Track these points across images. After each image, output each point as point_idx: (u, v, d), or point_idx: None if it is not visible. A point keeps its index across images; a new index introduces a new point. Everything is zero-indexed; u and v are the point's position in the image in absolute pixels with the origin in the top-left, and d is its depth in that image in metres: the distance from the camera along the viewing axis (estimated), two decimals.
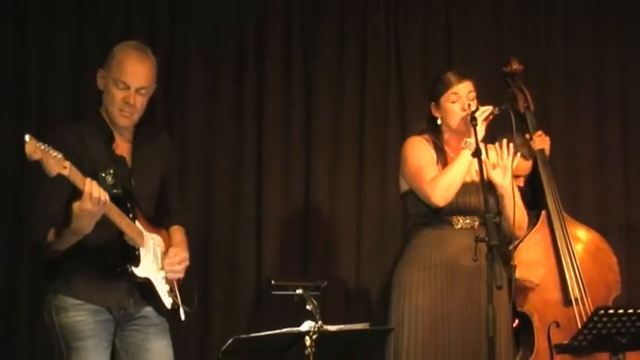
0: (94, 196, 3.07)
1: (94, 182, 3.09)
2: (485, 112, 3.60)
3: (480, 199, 3.56)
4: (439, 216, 3.72)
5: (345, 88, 4.86)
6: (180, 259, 3.43)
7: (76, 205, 3.09)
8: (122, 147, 3.40)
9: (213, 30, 4.79)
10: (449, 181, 3.64)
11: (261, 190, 4.75)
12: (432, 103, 3.79)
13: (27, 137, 2.94)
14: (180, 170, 4.46)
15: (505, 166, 3.66)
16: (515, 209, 3.60)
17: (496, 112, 3.61)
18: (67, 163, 3.02)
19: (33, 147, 2.94)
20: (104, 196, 3.09)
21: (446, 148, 3.80)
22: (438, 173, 3.69)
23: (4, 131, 4.55)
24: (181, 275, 3.45)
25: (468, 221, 3.72)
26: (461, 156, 3.64)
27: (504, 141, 3.67)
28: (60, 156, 3.00)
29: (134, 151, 3.42)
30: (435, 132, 3.80)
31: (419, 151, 3.78)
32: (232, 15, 4.81)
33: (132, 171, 3.38)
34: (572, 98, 5.00)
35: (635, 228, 4.94)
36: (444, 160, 3.76)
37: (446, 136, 3.80)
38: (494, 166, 3.68)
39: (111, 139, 3.37)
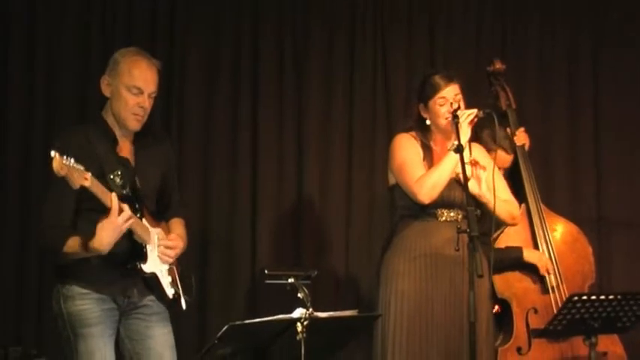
0: (125, 212, 3.14)
1: (125, 205, 3.15)
2: (470, 115, 3.63)
3: (463, 194, 3.61)
4: (425, 209, 3.76)
5: (334, 90, 4.89)
6: (173, 244, 3.45)
7: (102, 221, 3.14)
8: (125, 149, 3.42)
9: (210, 32, 4.82)
10: (435, 181, 3.69)
11: (256, 186, 4.78)
12: (421, 104, 3.83)
13: (53, 153, 2.95)
14: (179, 166, 4.50)
15: (478, 177, 3.72)
16: (496, 205, 3.62)
17: (480, 115, 3.64)
18: (89, 175, 3.05)
19: (59, 164, 2.96)
20: (127, 210, 3.15)
21: (433, 145, 3.84)
22: (425, 172, 3.73)
23: (12, 133, 4.58)
24: (171, 260, 3.45)
25: (452, 214, 3.77)
26: (447, 157, 3.68)
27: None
28: (82, 168, 3.03)
29: (136, 152, 3.44)
30: (422, 130, 3.84)
31: (406, 148, 3.82)
32: (228, 18, 4.84)
33: (135, 171, 3.40)
34: (547, 98, 5.04)
35: (605, 219, 4.99)
36: (430, 157, 3.81)
37: (434, 135, 3.84)
38: (472, 169, 3.71)
39: (115, 141, 3.39)
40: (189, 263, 3.59)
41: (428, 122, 3.83)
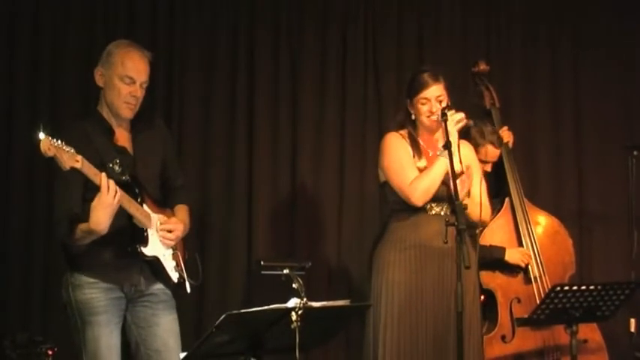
0: (111, 188, 3.12)
1: (112, 181, 3.14)
2: (460, 122, 3.66)
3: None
4: None
5: (327, 90, 4.89)
6: (172, 227, 3.43)
7: (94, 201, 3.13)
8: (122, 138, 3.43)
9: (208, 31, 4.82)
10: (427, 186, 3.71)
11: (251, 180, 4.78)
12: (407, 100, 3.85)
13: (41, 135, 2.95)
14: (178, 159, 4.50)
15: (463, 182, 3.67)
16: (472, 210, 3.66)
17: (470, 124, 3.69)
18: (80, 157, 3.05)
19: (47, 144, 2.96)
20: (113, 185, 3.14)
21: (420, 140, 3.86)
22: (417, 175, 3.74)
23: (17, 131, 4.56)
24: (171, 244, 3.45)
25: (439, 208, 3.78)
26: (438, 162, 3.69)
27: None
28: (72, 151, 3.03)
29: (133, 139, 3.44)
30: (411, 125, 3.86)
31: (396, 148, 3.83)
32: (225, 20, 4.83)
33: (135, 158, 3.41)
34: (531, 98, 5.06)
35: (585, 213, 5.01)
36: (418, 152, 3.83)
37: (420, 130, 3.86)
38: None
39: (111, 132, 3.40)
40: (193, 249, 3.60)
41: (413, 117, 3.85)
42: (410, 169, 3.78)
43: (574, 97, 5.10)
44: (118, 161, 3.27)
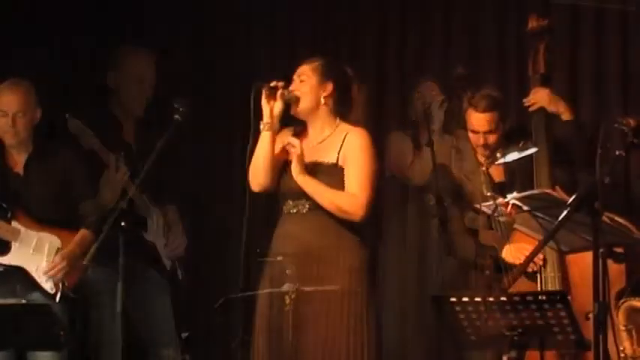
0: (120, 169, 3.27)
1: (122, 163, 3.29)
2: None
3: None
4: None
5: None
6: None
7: (103, 178, 3.27)
8: (128, 135, 3.55)
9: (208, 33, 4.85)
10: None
11: (247, 173, 4.83)
12: None
13: (67, 115, 3.19)
14: (180, 158, 4.49)
15: None
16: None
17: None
18: (97, 140, 3.23)
19: (73, 124, 3.19)
20: (124, 167, 3.27)
21: None
22: None
23: None
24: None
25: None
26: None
27: None
28: (92, 133, 3.20)
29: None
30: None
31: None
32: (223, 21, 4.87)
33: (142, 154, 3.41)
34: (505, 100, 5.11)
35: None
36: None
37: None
38: None
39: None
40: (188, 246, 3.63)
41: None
42: None
43: None
44: (123, 154, 3.33)
